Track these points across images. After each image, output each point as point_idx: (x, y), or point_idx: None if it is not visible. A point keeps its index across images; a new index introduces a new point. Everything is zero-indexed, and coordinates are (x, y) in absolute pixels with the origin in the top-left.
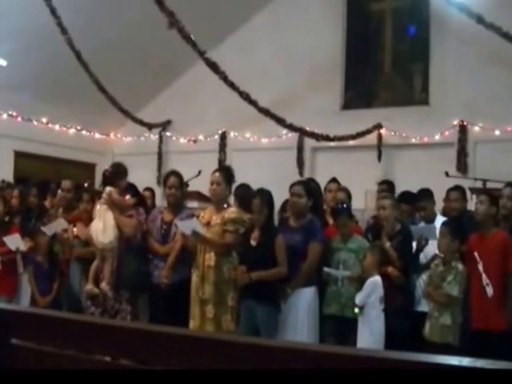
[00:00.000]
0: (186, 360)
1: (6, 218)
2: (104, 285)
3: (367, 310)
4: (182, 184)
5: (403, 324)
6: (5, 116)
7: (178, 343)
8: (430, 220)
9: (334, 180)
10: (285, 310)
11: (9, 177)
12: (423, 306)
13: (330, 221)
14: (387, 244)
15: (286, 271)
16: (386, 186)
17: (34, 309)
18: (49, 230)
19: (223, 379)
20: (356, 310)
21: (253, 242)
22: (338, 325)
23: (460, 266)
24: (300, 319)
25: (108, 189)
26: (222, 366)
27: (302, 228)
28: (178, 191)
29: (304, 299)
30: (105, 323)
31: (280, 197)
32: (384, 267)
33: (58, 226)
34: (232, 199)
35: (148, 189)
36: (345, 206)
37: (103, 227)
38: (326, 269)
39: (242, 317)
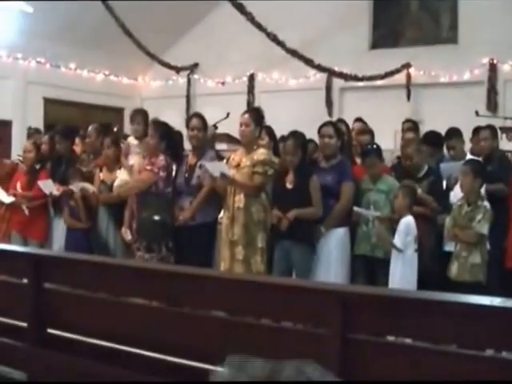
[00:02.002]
0: (216, 301)
1: (37, 166)
2: (123, 229)
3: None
4: (206, 126)
5: (434, 264)
6: (33, 63)
7: (207, 284)
8: (460, 159)
9: (358, 120)
10: (317, 250)
11: (39, 124)
12: (449, 246)
13: (358, 161)
14: (419, 190)
15: (320, 213)
16: (411, 125)
17: (66, 253)
18: (76, 187)
19: None
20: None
21: (288, 185)
22: (368, 265)
23: (487, 205)
24: (333, 259)
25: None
26: (252, 307)
27: (334, 168)
28: (201, 133)
29: (336, 239)
30: (136, 266)
31: (309, 138)
32: (417, 208)
33: (85, 185)
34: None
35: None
36: (374, 146)
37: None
38: (356, 209)
39: (276, 257)
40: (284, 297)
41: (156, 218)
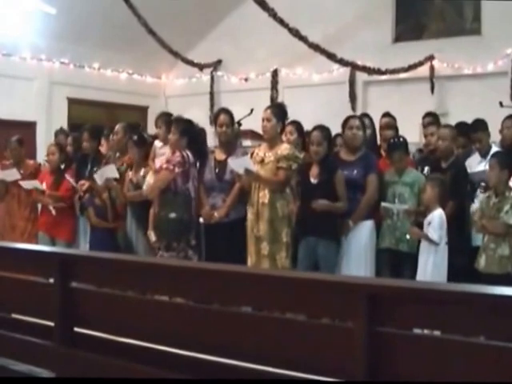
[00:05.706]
0: (243, 297)
1: (62, 166)
2: (149, 231)
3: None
4: (233, 122)
5: (462, 258)
6: (57, 64)
7: (234, 281)
8: (486, 152)
9: (386, 114)
10: (345, 244)
11: (63, 124)
12: (478, 240)
13: (384, 154)
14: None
15: (346, 207)
16: (433, 119)
17: (92, 252)
18: (99, 177)
19: None
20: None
21: (313, 180)
22: (393, 258)
23: None
24: (362, 252)
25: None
26: (279, 303)
27: (360, 161)
28: (230, 129)
29: (364, 232)
30: (161, 263)
31: (333, 132)
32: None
33: (108, 172)
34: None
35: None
36: (401, 139)
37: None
38: (383, 204)
39: (301, 252)
40: (311, 291)
41: (172, 215)
